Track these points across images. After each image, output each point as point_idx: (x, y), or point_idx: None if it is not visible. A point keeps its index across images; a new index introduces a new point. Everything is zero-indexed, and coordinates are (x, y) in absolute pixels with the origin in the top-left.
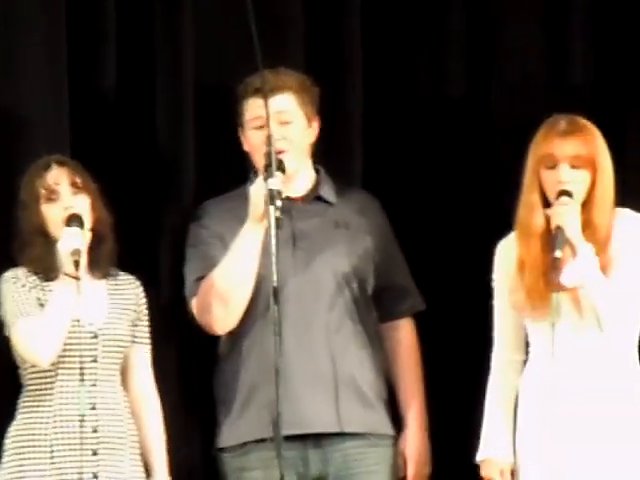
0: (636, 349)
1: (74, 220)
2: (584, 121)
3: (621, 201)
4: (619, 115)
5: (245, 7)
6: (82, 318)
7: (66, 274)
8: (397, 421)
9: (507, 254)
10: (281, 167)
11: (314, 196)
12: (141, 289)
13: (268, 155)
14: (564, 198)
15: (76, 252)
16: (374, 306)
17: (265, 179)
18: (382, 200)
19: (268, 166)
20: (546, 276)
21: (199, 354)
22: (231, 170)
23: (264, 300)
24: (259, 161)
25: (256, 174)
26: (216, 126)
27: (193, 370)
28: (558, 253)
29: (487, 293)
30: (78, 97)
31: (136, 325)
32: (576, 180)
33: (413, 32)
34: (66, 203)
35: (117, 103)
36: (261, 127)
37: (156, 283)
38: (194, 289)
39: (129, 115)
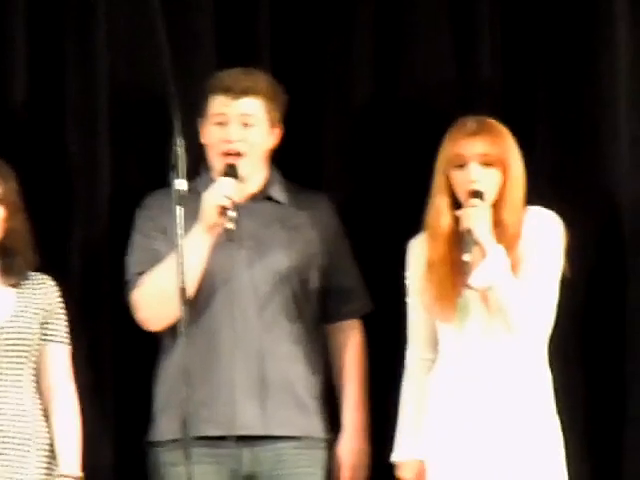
0: (545, 351)
1: None
2: (493, 121)
3: (531, 197)
4: (528, 111)
5: (156, 14)
6: None
7: None
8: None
9: (418, 253)
10: (233, 173)
11: (264, 196)
12: (54, 288)
13: (226, 165)
14: (474, 200)
15: None
16: (321, 307)
17: (220, 186)
18: None
19: (224, 173)
20: (454, 277)
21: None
22: (147, 175)
23: (204, 297)
24: (212, 158)
25: (207, 169)
26: (131, 133)
27: (106, 366)
28: (467, 257)
29: None
30: None
31: (47, 324)
32: (486, 178)
33: (320, 31)
34: None
35: (28, 112)
36: (221, 124)
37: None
38: (133, 283)
39: (40, 121)
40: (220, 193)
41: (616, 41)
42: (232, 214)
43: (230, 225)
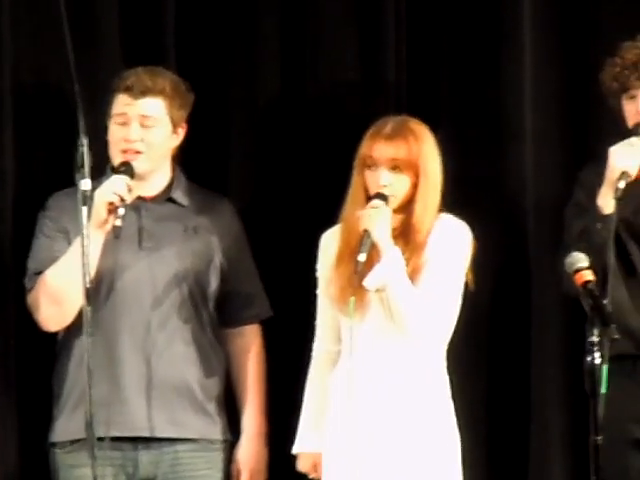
0: (443, 355)
1: None
2: (413, 124)
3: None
4: (432, 114)
5: (60, 12)
6: None
7: None
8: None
9: (328, 246)
10: (128, 171)
11: (166, 197)
12: None
13: (121, 163)
14: (376, 201)
15: None
16: (220, 311)
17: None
18: None
19: (117, 170)
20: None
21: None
22: (52, 176)
23: (103, 297)
24: (113, 156)
25: (112, 169)
26: (36, 133)
27: (10, 368)
28: (362, 257)
29: None
30: None
31: None
32: (394, 184)
33: (226, 30)
34: None
35: None
36: (123, 123)
37: None
38: (31, 282)
39: None
40: (110, 190)
41: (521, 44)
42: (121, 211)
43: (118, 222)
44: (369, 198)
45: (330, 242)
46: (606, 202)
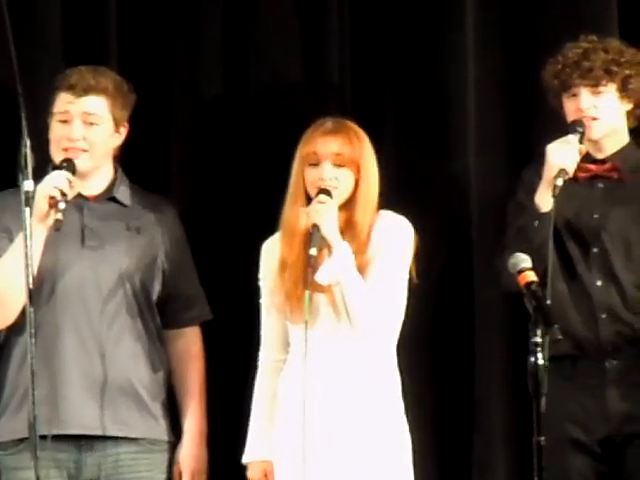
0: (394, 353)
1: None
2: (351, 124)
3: (379, 200)
4: (376, 114)
5: (2, 11)
6: None
7: None
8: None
9: (271, 253)
10: (69, 167)
11: (108, 196)
12: None
13: (63, 159)
14: (322, 196)
15: None
16: (160, 312)
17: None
18: None
19: (59, 166)
20: (307, 277)
21: None
22: None
23: (45, 296)
24: (55, 154)
25: (54, 167)
26: None
27: None
28: (313, 251)
29: None
30: None
31: None
32: (338, 178)
33: (168, 30)
34: None
35: None
36: (65, 122)
37: None
38: None
39: None
40: (51, 184)
41: (465, 45)
42: (62, 206)
43: (59, 215)
44: (309, 199)
45: (272, 250)
46: (544, 200)
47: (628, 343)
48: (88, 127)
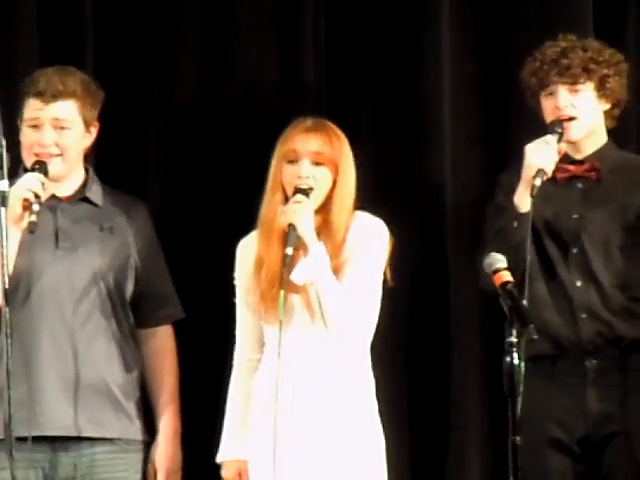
0: (368, 354)
1: None
2: (331, 124)
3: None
4: (352, 113)
5: None
6: None
7: None
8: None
9: (246, 253)
10: (42, 170)
11: (80, 197)
12: None
13: (35, 162)
14: (298, 196)
15: None
16: (133, 311)
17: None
18: None
19: (31, 168)
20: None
21: None
22: None
23: (21, 298)
24: (26, 158)
25: (25, 169)
26: None
27: None
28: (289, 250)
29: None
30: None
31: None
32: (316, 177)
33: (144, 30)
34: None
35: None
36: (36, 127)
37: None
38: None
39: None
40: (24, 186)
41: (440, 46)
42: (36, 207)
43: (33, 217)
44: (286, 198)
45: (247, 249)
46: (523, 200)
47: (608, 343)
48: (59, 132)
